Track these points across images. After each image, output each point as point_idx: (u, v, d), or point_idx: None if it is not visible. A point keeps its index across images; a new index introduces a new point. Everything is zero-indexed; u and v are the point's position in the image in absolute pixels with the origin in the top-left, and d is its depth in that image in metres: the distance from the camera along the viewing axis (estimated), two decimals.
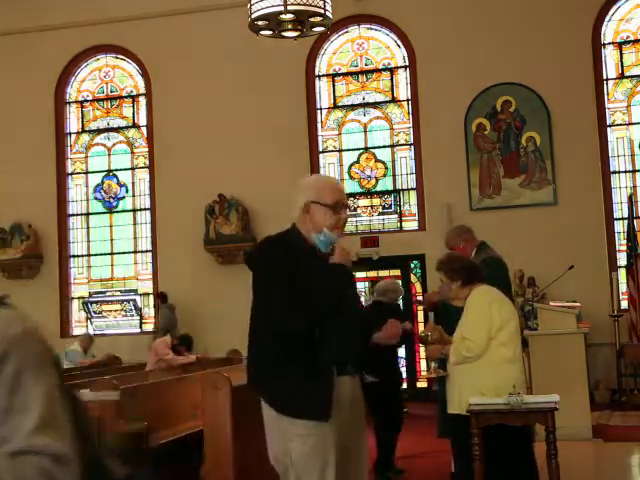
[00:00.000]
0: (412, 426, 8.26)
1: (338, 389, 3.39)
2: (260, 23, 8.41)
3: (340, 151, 13.31)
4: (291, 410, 3.35)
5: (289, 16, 8.25)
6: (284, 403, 3.38)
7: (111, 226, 14.07)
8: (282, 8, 8.10)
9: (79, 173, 14.24)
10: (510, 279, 5.67)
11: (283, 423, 3.36)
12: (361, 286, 12.83)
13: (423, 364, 11.69)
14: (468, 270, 4.81)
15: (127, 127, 14.20)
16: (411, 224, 12.94)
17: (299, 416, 3.33)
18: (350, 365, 3.50)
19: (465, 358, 4.59)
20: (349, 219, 3.72)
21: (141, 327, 13.71)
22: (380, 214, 13.05)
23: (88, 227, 14.12)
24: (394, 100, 13.22)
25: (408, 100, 13.09)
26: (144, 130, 14.03)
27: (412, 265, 12.84)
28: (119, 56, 14.26)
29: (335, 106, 13.38)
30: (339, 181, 3.66)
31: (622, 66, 12.52)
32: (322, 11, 8.29)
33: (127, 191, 14.08)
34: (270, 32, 8.62)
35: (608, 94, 12.45)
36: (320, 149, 13.29)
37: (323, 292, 3.37)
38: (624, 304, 11.59)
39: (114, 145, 14.22)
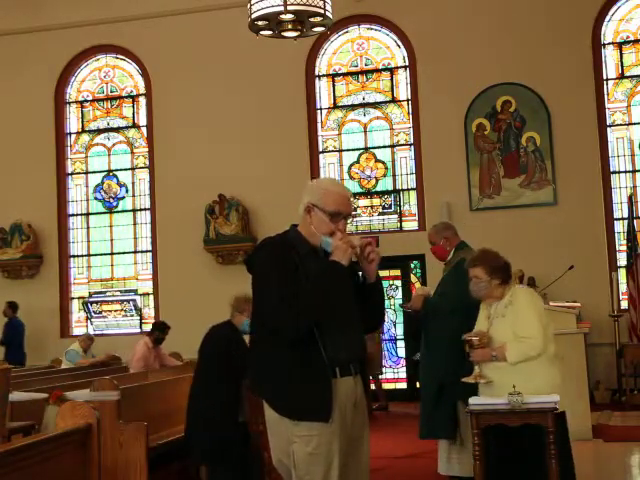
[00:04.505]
0: (413, 426, 8.27)
1: (341, 389, 3.37)
2: (260, 23, 8.42)
3: (340, 151, 13.31)
4: (291, 412, 3.33)
5: (289, 16, 8.26)
6: (284, 405, 3.35)
7: (111, 226, 14.06)
8: (282, 8, 8.11)
9: (79, 173, 14.24)
10: None
11: (285, 424, 3.34)
12: None
13: None
14: (505, 269, 4.87)
15: (127, 127, 14.19)
16: (411, 224, 12.93)
17: (299, 418, 3.31)
18: (352, 365, 3.45)
19: (531, 357, 4.63)
20: (350, 219, 3.68)
21: (141, 327, 13.68)
22: (380, 214, 13.05)
23: (88, 227, 14.11)
24: (394, 100, 13.22)
25: (408, 100, 13.08)
26: (144, 130, 14.02)
27: (412, 265, 12.84)
28: (119, 56, 14.25)
29: (335, 106, 13.37)
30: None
31: (622, 66, 12.51)
32: (322, 11, 8.30)
33: (127, 191, 14.08)
34: (270, 32, 8.63)
35: (608, 94, 12.45)
36: (320, 149, 13.28)
37: (317, 293, 3.32)
38: (624, 304, 11.59)
39: (114, 145, 14.21)
